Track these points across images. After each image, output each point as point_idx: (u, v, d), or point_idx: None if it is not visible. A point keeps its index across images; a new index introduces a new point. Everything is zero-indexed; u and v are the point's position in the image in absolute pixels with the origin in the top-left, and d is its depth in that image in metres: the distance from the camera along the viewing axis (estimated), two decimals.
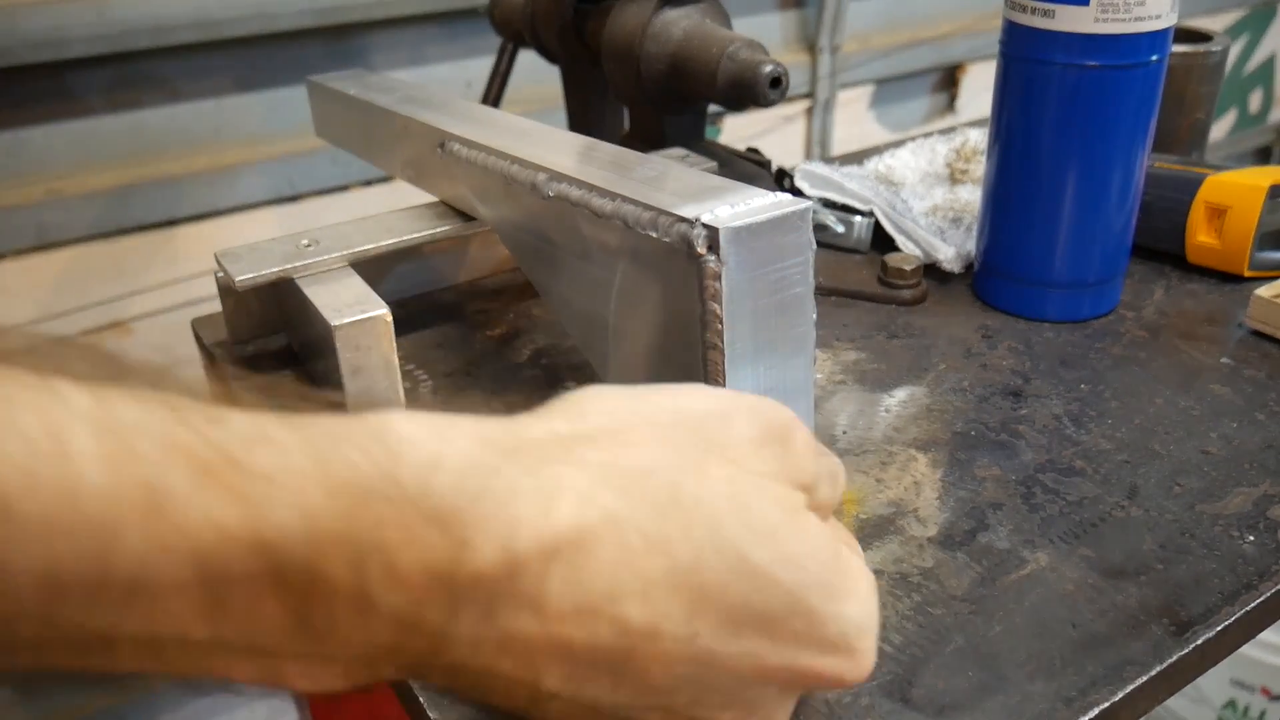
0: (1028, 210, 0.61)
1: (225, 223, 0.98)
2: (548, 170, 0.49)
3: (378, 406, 0.27)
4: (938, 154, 0.84)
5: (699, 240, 0.39)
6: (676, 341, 0.43)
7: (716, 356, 0.40)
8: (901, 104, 1.45)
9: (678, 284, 0.41)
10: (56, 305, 0.92)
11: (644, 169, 0.48)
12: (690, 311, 0.41)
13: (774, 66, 0.63)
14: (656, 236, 0.41)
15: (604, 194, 0.45)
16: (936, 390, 0.56)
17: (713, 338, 0.40)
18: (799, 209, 0.40)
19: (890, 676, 0.38)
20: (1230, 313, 0.63)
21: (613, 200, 0.44)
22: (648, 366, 0.46)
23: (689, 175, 0.45)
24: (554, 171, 0.48)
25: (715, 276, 0.39)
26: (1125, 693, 0.37)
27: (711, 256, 0.39)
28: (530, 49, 0.84)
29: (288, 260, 0.57)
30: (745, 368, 0.41)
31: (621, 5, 0.70)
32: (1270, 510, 0.46)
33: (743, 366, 0.41)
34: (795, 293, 0.41)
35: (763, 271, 0.40)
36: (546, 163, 0.49)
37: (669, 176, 0.45)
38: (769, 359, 0.42)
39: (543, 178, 0.49)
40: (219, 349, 0.63)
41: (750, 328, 0.41)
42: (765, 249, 0.40)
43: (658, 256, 0.42)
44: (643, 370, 0.46)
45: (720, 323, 0.40)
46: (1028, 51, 0.58)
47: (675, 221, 0.40)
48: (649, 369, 0.46)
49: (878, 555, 0.44)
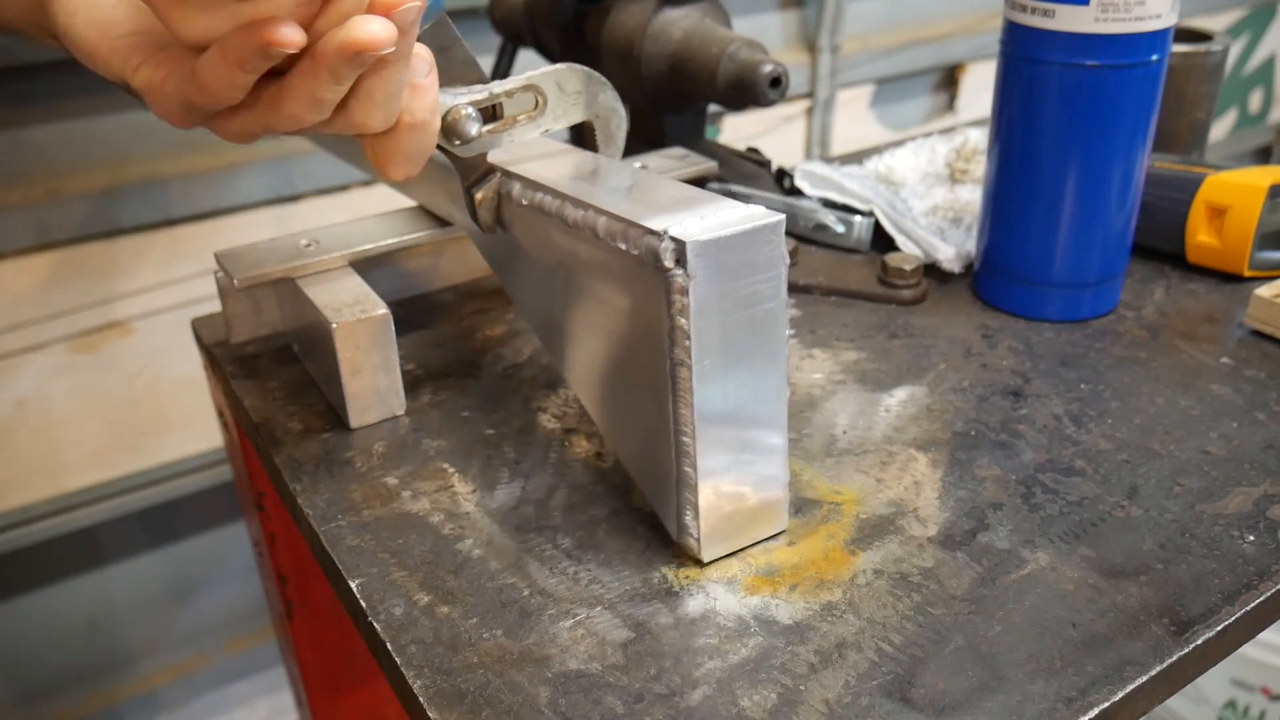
0: (1028, 210, 0.61)
1: (225, 223, 0.98)
2: (522, 178, 0.48)
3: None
4: (938, 154, 0.84)
5: (666, 253, 0.38)
6: (646, 356, 0.42)
7: (685, 373, 0.40)
8: (901, 104, 1.45)
9: (646, 298, 0.40)
10: (56, 305, 0.92)
11: (620, 178, 0.47)
12: (658, 326, 0.40)
13: (774, 66, 0.63)
14: (625, 249, 0.40)
15: (576, 203, 0.44)
16: (936, 390, 0.56)
17: (680, 354, 0.39)
18: (771, 222, 0.39)
19: (890, 676, 0.38)
20: (1230, 313, 0.63)
21: (584, 210, 0.43)
22: (619, 381, 0.45)
23: (664, 186, 0.44)
24: (528, 179, 0.48)
25: (682, 291, 0.38)
26: (1125, 693, 0.37)
27: (679, 270, 0.38)
28: (530, 49, 0.84)
29: (288, 260, 0.57)
30: (714, 384, 0.40)
31: (621, 5, 0.70)
32: (1270, 510, 0.46)
33: (712, 383, 0.40)
34: (767, 308, 0.40)
35: (733, 286, 0.39)
36: (521, 170, 0.48)
37: (644, 186, 0.45)
38: (740, 375, 0.41)
39: (518, 186, 0.48)
40: (219, 349, 0.63)
41: (720, 343, 0.40)
42: (735, 263, 0.39)
43: (626, 269, 0.41)
44: (614, 384, 0.46)
45: (688, 338, 0.39)
46: (1028, 51, 0.58)
47: (643, 234, 0.39)
48: (621, 383, 0.45)
49: (878, 555, 0.44)
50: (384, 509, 0.48)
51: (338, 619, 0.73)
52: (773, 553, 0.45)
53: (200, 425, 1.03)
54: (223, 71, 0.34)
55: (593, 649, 0.40)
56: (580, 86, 0.48)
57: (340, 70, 0.34)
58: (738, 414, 0.41)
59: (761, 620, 0.41)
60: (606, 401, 0.47)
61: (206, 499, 1.07)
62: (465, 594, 0.43)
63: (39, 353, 0.93)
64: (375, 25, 0.33)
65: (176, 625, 1.12)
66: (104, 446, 0.99)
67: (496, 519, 0.48)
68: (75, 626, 1.05)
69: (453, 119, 0.44)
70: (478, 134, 0.45)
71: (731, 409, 0.41)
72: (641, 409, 0.43)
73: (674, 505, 0.43)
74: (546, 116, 0.47)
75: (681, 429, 0.41)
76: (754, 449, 0.43)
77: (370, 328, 0.53)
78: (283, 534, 0.70)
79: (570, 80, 0.48)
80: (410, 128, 0.39)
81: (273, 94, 0.36)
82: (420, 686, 0.38)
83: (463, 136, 0.45)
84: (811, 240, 0.73)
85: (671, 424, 0.41)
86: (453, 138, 0.45)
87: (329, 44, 0.33)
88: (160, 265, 0.96)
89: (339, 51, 0.33)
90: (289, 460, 0.52)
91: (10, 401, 0.93)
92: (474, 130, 0.45)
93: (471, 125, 0.45)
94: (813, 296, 0.68)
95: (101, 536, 1.03)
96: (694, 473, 0.42)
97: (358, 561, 0.45)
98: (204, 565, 1.11)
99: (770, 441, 0.43)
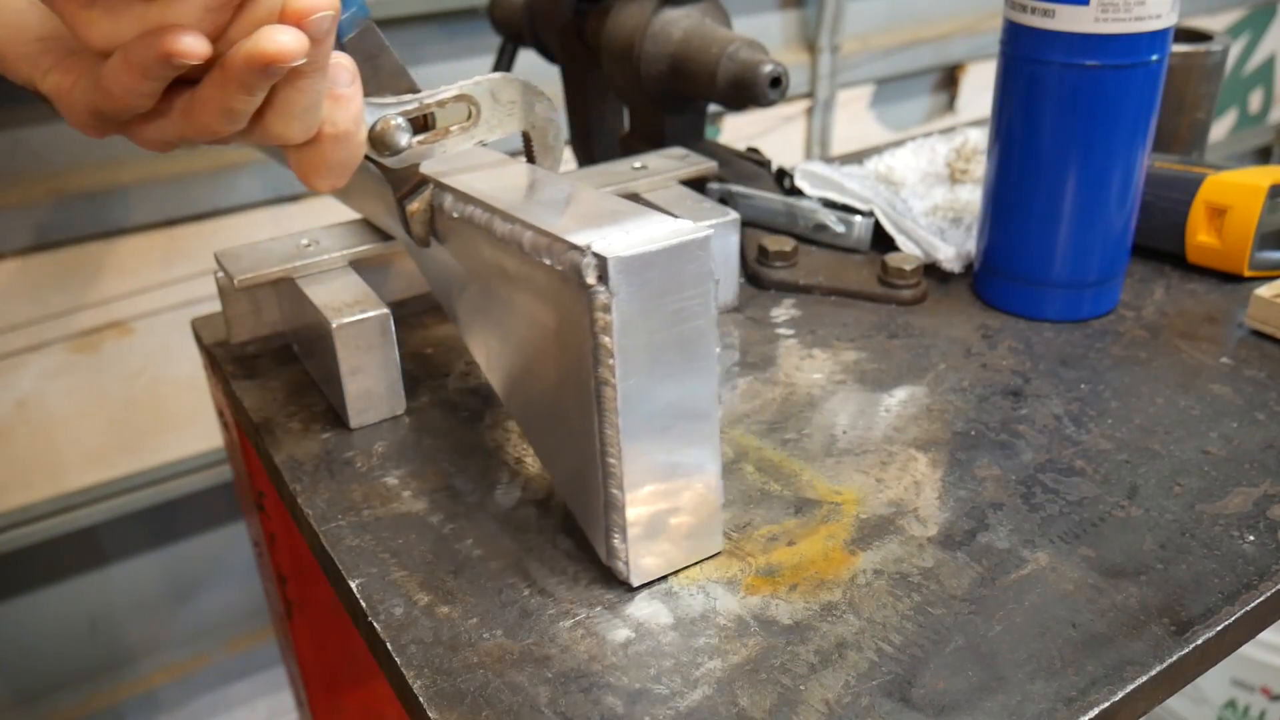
0: (1028, 210, 0.61)
1: (224, 223, 0.98)
2: (454, 190, 0.47)
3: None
4: (938, 154, 0.84)
5: (588, 269, 0.37)
6: (572, 375, 0.41)
7: (609, 392, 0.39)
8: (901, 104, 1.45)
9: (571, 315, 0.39)
10: (56, 305, 0.92)
11: (553, 191, 0.45)
12: (584, 344, 0.39)
13: (774, 66, 0.63)
14: (549, 264, 0.39)
15: (505, 217, 0.43)
16: (936, 390, 0.56)
17: (605, 372, 0.38)
18: (698, 238, 0.38)
19: (890, 676, 0.38)
20: (1230, 313, 0.63)
21: (511, 224, 0.42)
22: (548, 401, 0.44)
23: (597, 200, 0.43)
24: (460, 192, 0.46)
25: (605, 308, 0.37)
26: (1125, 693, 0.37)
27: (601, 287, 0.37)
28: (530, 49, 0.84)
29: (288, 260, 0.57)
30: (641, 404, 0.39)
31: (621, 5, 0.70)
32: (1270, 510, 0.46)
33: (638, 403, 0.39)
34: (696, 325, 0.39)
35: (658, 303, 0.38)
36: (454, 182, 0.47)
37: (578, 200, 0.43)
38: (668, 395, 0.40)
39: (449, 199, 0.47)
40: (219, 349, 0.63)
41: (646, 362, 0.39)
42: (661, 279, 0.38)
43: (551, 285, 0.40)
44: (544, 405, 0.45)
45: (612, 357, 0.38)
46: (1028, 51, 0.58)
47: (567, 248, 0.38)
48: (550, 403, 0.44)
49: (878, 555, 0.44)
50: (384, 509, 0.48)
51: (338, 619, 0.73)
52: (773, 553, 0.45)
53: (200, 425, 1.03)
54: (126, 79, 0.33)
55: (593, 649, 0.40)
56: (515, 96, 0.47)
57: (250, 81, 0.33)
58: (667, 434, 0.40)
59: (761, 620, 0.41)
60: (538, 422, 0.46)
61: (206, 499, 1.07)
62: (465, 594, 0.43)
63: (39, 353, 0.93)
64: (285, 36, 0.32)
65: (176, 625, 1.12)
66: (104, 446, 0.99)
67: (496, 519, 0.48)
68: (75, 626, 1.05)
69: (381, 129, 0.43)
70: (408, 145, 0.44)
71: (660, 429, 0.40)
72: (570, 429, 0.42)
73: (602, 528, 0.42)
74: (480, 127, 0.46)
75: (607, 449, 0.40)
76: (685, 470, 0.42)
77: (370, 328, 0.53)
78: (283, 534, 0.70)
79: (505, 90, 0.47)
80: (333, 139, 0.38)
81: (185, 103, 0.35)
82: (420, 686, 0.38)
83: (392, 147, 0.44)
84: (811, 240, 0.73)
85: (598, 444, 0.40)
86: (382, 149, 0.44)
87: (237, 55, 0.32)
88: (160, 265, 0.96)
89: (247, 62, 0.32)
90: (289, 460, 0.52)
91: (10, 401, 0.93)
92: (404, 141, 0.44)
93: (401, 136, 0.44)
94: (813, 296, 0.68)
95: (101, 536, 1.03)
96: (621, 495, 0.40)
97: (358, 561, 0.45)
98: (204, 565, 1.11)
99: (702, 462, 0.42)
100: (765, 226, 0.74)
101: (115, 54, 0.32)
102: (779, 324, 0.64)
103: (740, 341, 0.62)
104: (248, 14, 0.32)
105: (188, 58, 0.31)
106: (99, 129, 0.37)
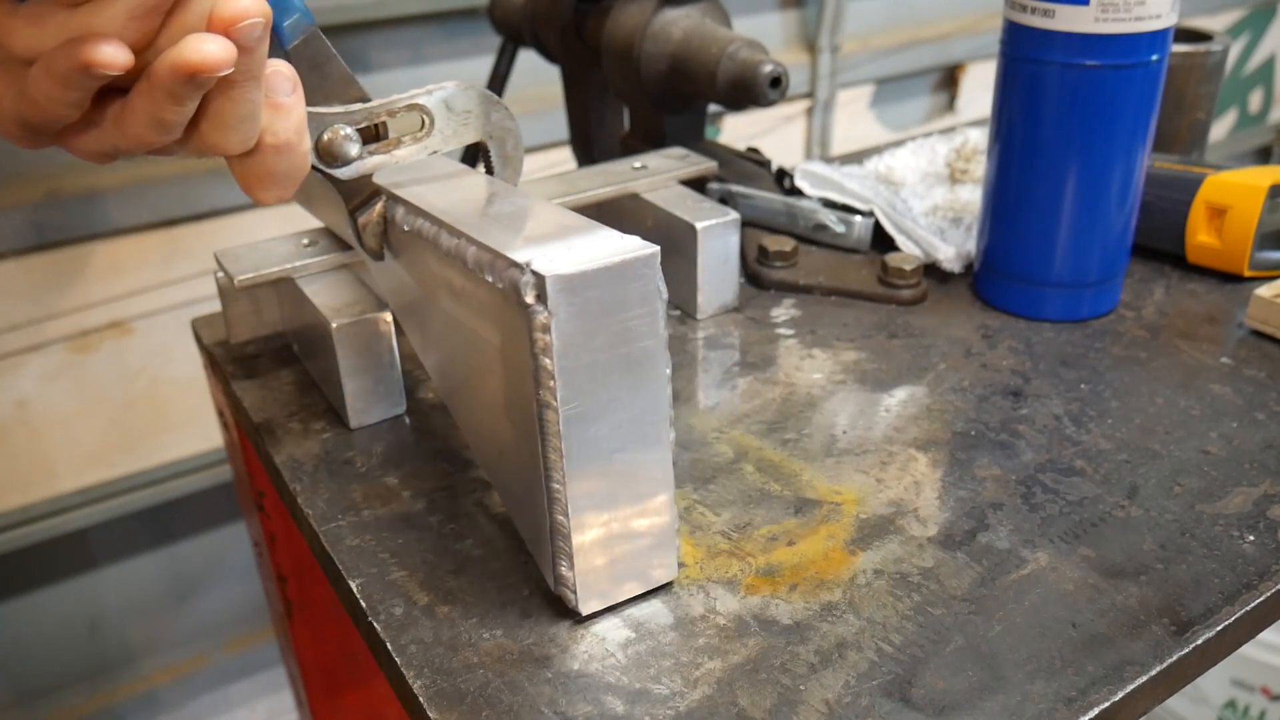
0: (1028, 210, 0.61)
1: (225, 223, 0.98)
2: (405, 202, 0.45)
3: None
4: (938, 154, 0.84)
5: (527, 288, 0.35)
6: (518, 397, 0.39)
7: (552, 415, 0.37)
8: (901, 104, 1.45)
9: (514, 335, 0.38)
10: (56, 305, 0.92)
11: (506, 204, 0.44)
12: (527, 365, 0.37)
13: (774, 66, 0.63)
14: (491, 281, 0.38)
15: (451, 231, 0.41)
16: (936, 390, 0.56)
17: (546, 395, 0.37)
18: (644, 255, 0.37)
19: (890, 676, 0.38)
20: (1230, 313, 0.63)
21: (457, 238, 0.41)
22: (496, 423, 0.43)
23: (552, 215, 0.41)
24: (410, 204, 0.45)
25: (544, 329, 0.35)
26: (1125, 693, 0.37)
27: (540, 306, 0.35)
28: (530, 49, 0.84)
29: (288, 260, 0.57)
30: (586, 428, 0.37)
31: (621, 5, 0.70)
32: (1270, 510, 0.46)
33: (583, 426, 0.37)
34: (643, 346, 0.37)
35: (601, 323, 0.36)
36: (405, 194, 0.46)
37: (530, 215, 0.42)
38: (615, 418, 0.38)
39: (401, 211, 0.45)
40: (219, 349, 0.63)
41: (589, 384, 0.37)
42: (603, 299, 0.36)
43: (494, 303, 0.39)
44: (493, 427, 0.43)
45: (553, 379, 0.36)
46: (1028, 51, 0.58)
47: (508, 265, 0.37)
48: (498, 426, 0.43)
49: (878, 555, 0.44)
50: (384, 509, 0.48)
51: (338, 619, 0.73)
52: (773, 553, 0.45)
53: (200, 425, 1.03)
54: (48, 88, 0.32)
55: (593, 649, 0.40)
56: (471, 106, 0.46)
57: (178, 91, 0.32)
58: (614, 458, 0.39)
59: (761, 620, 0.41)
60: (486, 444, 0.45)
61: (206, 499, 1.07)
62: (465, 594, 0.43)
63: (38, 353, 0.93)
64: (210, 45, 0.30)
65: (176, 625, 1.12)
66: (103, 447, 0.99)
67: (496, 519, 0.48)
68: (75, 627, 1.05)
69: (329, 140, 0.42)
70: (358, 155, 0.43)
71: (607, 453, 0.38)
72: (517, 453, 0.41)
73: (549, 555, 0.41)
74: (434, 137, 0.45)
75: (552, 474, 0.38)
76: (635, 495, 0.40)
77: (370, 328, 0.53)
78: (283, 534, 0.70)
79: (460, 100, 0.45)
80: (274, 149, 0.36)
81: (116, 113, 0.34)
82: (420, 686, 0.38)
83: (341, 158, 0.43)
84: (811, 240, 0.73)
85: (542, 469, 0.39)
86: (330, 159, 0.43)
87: (162, 64, 0.31)
88: (160, 265, 0.96)
89: (172, 72, 0.31)
90: (289, 460, 0.52)
91: (10, 401, 0.93)
92: (354, 151, 0.43)
93: (350, 146, 0.43)
94: (813, 296, 0.68)
95: (102, 536, 1.03)
96: (567, 521, 0.39)
97: (358, 561, 0.45)
98: (204, 565, 1.11)
99: (653, 487, 0.40)
100: (765, 226, 0.74)
101: (37, 63, 0.32)
102: (779, 324, 0.64)
103: (740, 341, 0.62)
104: (176, 22, 0.32)
105: (107, 68, 0.30)
106: (31, 140, 0.36)
